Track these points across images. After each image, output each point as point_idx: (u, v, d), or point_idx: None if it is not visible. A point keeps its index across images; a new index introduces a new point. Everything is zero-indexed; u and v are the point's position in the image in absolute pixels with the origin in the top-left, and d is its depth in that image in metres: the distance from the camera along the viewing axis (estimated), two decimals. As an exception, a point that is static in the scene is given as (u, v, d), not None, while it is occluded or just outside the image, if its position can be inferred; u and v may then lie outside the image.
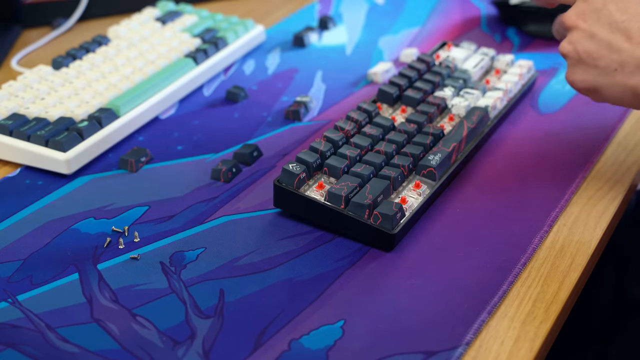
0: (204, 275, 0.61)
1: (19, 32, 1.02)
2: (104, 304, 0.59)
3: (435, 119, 0.76)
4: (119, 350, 0.55)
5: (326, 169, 0.67)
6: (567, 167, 0.73)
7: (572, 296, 0.60)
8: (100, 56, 0.87)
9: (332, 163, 0.67)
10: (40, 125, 0.76)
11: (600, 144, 0.76)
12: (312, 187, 0.66)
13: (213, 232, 0.66)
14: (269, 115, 0.83)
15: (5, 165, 0.76)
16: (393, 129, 0.73)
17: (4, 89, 0.81)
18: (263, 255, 0.63)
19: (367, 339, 0.55)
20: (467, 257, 0.62)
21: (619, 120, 0.80)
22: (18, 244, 0.65)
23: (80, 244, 0.65)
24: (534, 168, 0.73)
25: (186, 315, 0.57)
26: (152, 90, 0.83)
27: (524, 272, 0.61)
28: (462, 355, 0.54)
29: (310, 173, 0.67)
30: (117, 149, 0.78)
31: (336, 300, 0.58)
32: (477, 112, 0.75)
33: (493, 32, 1.00)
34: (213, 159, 0.76)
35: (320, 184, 0.65)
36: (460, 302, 0.58)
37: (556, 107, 0.83)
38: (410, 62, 0.83)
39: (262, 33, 0.98)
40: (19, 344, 0.55)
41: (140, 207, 0.69)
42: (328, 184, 0.66)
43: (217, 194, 0.71)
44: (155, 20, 0.96)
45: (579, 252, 0.63)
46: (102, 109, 0.78)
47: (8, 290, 0.60)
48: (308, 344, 0.55)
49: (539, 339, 0.55)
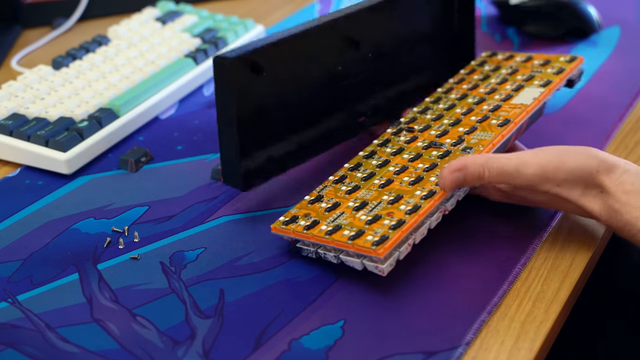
0: (204, 275, 0.61)
1: (19, 32, 1.02)
2: (104, 304, 0.59)
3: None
4: (119, 350, 0.55)
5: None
6: (567, 167, 0.73)
7: (572, 296, 0.60)
8: (100, 56, 0.87)
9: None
10: (40, 125, 0.76)
11: (600, 143, 0.76)
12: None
13: (213, 232, 0.66)
14: (269, 115, 0.83)
15: (5, 165, 0.76)
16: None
17: (4, 89, 0.81)
18: (263, 255, 0.63)
19: (367, 339, 0.55)
20: (467, 256, 0.62)
21: (619, 120, 0.80)
22: (18, 244, 0.65)
23: (80, 244, 0.65)
24: (534, 168, 0.73)
25: (186, 315, 0.57)
26: (152, 90, 0.83)
27: (524, 272, 0.61)
28: (462, 355, 0.54)
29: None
30: (117, 149, 0.78)
31: (336, 300, 0.58)
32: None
33: (493, 32, 1.00)
34: (213, 158, 0.76)
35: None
36: (460, 302, 0.58)
37: (556, 107, 0.83)
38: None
39: (262, 33, 0.98)
40: (19, 344, 0.55)
41: (140, 207, 0.69)
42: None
43: (217, 194, 0.71)
44: (155, 20, 0.96)
45: (579, 252, 0.63)
46: (102, 109, 0.78)
47: (8, 290, 0.60)
48: (308, 344, 0.55)
49: (539, 339, 0.55)
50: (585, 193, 0.60)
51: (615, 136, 0.78)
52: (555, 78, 0.71)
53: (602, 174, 0.59)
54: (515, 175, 0.59)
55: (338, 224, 0.59)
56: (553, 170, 0.59)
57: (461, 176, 0.59)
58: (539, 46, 0.96)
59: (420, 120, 0.70)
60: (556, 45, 0.95)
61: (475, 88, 0.73)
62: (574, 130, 0.78)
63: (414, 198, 0.60)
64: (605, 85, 0.87)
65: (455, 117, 0.69)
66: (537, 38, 0.97)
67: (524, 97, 0.69)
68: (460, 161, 0.59)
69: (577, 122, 0.80)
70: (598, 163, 0.60)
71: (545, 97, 0.70)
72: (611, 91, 0.85)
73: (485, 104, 0.70)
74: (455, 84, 0.76)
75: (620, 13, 1.01)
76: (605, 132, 0.78)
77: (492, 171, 0.59)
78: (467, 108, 0.70)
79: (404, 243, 0.58)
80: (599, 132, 0.78)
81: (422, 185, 0.61)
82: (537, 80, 0.72)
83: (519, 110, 0.67)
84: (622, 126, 0.80)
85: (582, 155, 0.60)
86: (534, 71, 0.73)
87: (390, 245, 0.56)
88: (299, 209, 0.63)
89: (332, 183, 0.65)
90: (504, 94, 0.71)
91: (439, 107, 0.72)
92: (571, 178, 0.60)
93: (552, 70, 0.73)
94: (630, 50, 0.94)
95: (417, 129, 0.69)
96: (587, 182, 0.60)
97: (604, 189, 0.60)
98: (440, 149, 0.65)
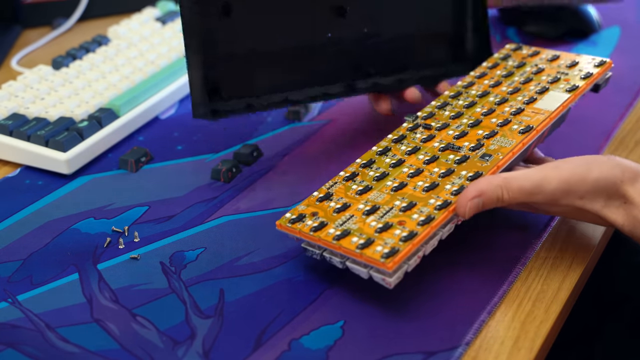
0: (204, 275, 0.61)
1: (19, 32, 1.02)
2: (104, 304, 0.58)
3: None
4: (119, 350, 0.55)
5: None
6: (567, 167, 0.73)
7: (572, 296, 0.60)
8: (100, 56, 0.87)
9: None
10: (40, 125, 0.76)
11: (600, 144, 0.76)
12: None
13: (213, 232, 0.66)
14: (269, 115, 0.83)
15: (5, 165, 0.76)
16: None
17: (4, 89, 0.81)
18: (263, 255, 0.63)
19: (367, 339, 0.55)
20: (467, 256, 0.62)
21: (619, 120, 0.80)
22: (18, 244, 0.65)
23: (80, 244, 0.65)
24: (534, 168, 0.73)
25: (186, 315, 0.57)
26: (152, 90, 0.83)
27: (524, 272, 0.61)
28: (462, 355, 0.54)
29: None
30: (117, 149, 0.78)
31: (336, 300, 0.58)
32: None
33: (493, 32, 1.00)
34: (213, 159, 0.76)
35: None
36: (460, 302, 0.58)
37: (556, 107, 0.82)
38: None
39: (262, 33, 0.98)
40: (19, 344, 0.55)
41: (140, 207, 0.69)
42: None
43: (217, 194, 0.71)
44: (155, 20, 0.96)
45: (579, 252, 0.63)
46: (102, 109, 0.78)
47: (8, 290, 0.60)
48: (308, 344, 0.55)
49: (539, 339, 0.55)
50: (608, 204, 0.58)
51: (615, 136, 0.78)
52: (581, 83, 0.69)
53: (627, 184, 0.58)
54: (535, 192, 0.58)
55: (347, 229, 0.57)
56: (576, 183, 0.57)
57: (480, 202, 0.57)
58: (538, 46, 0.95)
59: (438, 116, 0.68)
60: (556, 45, 0.95)
61: (497, 85, 0.70)
62: (574, 130, 0.78)
63: (427, 207, 0.57)
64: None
65: (475, 117, 0.66)
66: (537, 38, 0.97)
67: (548, 101, 0.67)
68: (477, 186, 0.57)
69: (577, 122, 0.80)
70: (622, 172, 0.58)
71: (570, 103, 0.67)
72: (611, 91, 0.85)
73: (507, 105, 0.67)
74: (477, 78, 0.72)
75: (620, 13, 1.01)
76: (605, 132, 0.78)
77: (511, 192, 0.57)
78: (488, 108, 0.67)
79: (414, 255, 0.56)
80: (599, 132, 0.78)
81: (437, 192, 0.59)
82: (562, 83, 0.69)
83: (542, 117, 0.65)
84: (622, 126, 0.80)
85: (606, 166, 0.58)
86: (559, 72, 0.71)
87: (400, 259, 0.54)
88: (307, 206, 0.60)
89: (343, 180, 0.62)
90: (527, 96, 0.68)
91: (458, 104, 0.69)
92: (594, 190, 0.58)
93: (579, 73, 0.70)
94: (630, 50, 0.94)
95: (435, 127, 0.66)
96: (611, 192, 0.58)
97: (628, 199, 0.58)
98: (457, 153, 0.62)
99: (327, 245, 0.57)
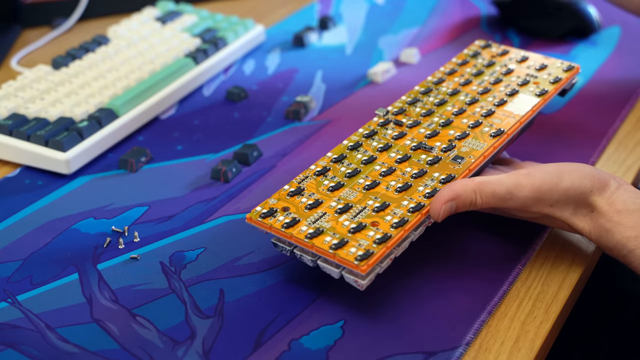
0: (204, 275, 0.61)
1: (18, 32, 1.02)
2: (104, 304, 0.59)
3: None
4: (119, 350, 0.55)
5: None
6: (567, 167, 0.73)
7: (572, 296, 0.60)
8: (100, 56, 0.87)
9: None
10: (40, 125, 0.76)
11: (600, 144, 0.76)
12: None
13: (213, 232, 0.66)
14: (269, 115, 0.83)
15: (5, 165, 0.76)
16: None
17: (3, 89, 0.81)
18: (263, 256, 0.63)
19: (367, 339, 0.55)
20: (468, 256, 0.62)
21: (619, 120, 0.80)
22: (18, 244, 0.65)
23: (80, 244, 0.65)
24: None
25: (186, 315, 0.57)
26: (152, 90, 0.83)
27: (524, 272, 0.61)
28: (462, 355, 0.54)
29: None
30: (117, 149, 0.78)
31: (336, 300, 0.58)
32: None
33: (493, 32, 1.00)
34: (213, 159, 0.76)
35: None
36: (460, 302, 0.58)
37: (556, 107, 0.83)
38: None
39: (262, 33, 0.98)
40: (19, 344, 0.55)
41: (140, 207, 0.69)
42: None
43: (217, 194, 0.71)
44: (155, 20, 0.96)
45: (579, 252, 0.63)
46: (101, 109, 0.78)
47: (8, 290, 0.60)
48: (308, 344, 0.55)
49: (539, 339, 0.55)
50: (576, 212, 0.60)
51: (615, 136, 0.78)
52: (550, 87, 0.70)
53: (595, 194, 0.59)
54: (507, 198, 0.58)
55: (320, 227, 0.56)
56: (547, 191, 0.58)
57: (453, 205, 0.57)
58: (539, 46, 0.96)
59: (409, 112, 0.68)
60: (556, 45, 0.95)
61: (467, 84, 0.71)
62: (574, 130, 0.78)
63: (400, 209, 0.58)
64: (605, 85, 0.87)
65: (446, 117, 0.67)
66: (537, 38, 0.97)
67: (518, 105, 0.68)
68: (452, 189, 0.57)
69: (577, 122, 0.80)
70: (592, 183, 0.59)
71: (539, 107, 0.68)
72: (611, 91, 0.85)
73: (477, 105, 0.68)
74: (446, 74, 0.73)
75: (620, 13, 1.01)
76: (605, 132, 0.78)
77: (484, 197, 0.58)
78: (459, 107, 0.68)
79: (386, 258, 0.56)
80: (599, 132, 0.78)
81: (410, 194, 0.59)
82: (532, 86, 0.70)
83: (512, 120, 0.66)
84: (622, 126, 0.80)
85: (576, 175, 0.59)
86: (529, 75, 0.72)
87: (374, 262, 0.54)
88: (278, 200, 0.59)
89: (314, 174, 0.62)
90: (497, 97, 0.69)
91: (429, 100, 0.69)
92: (564, 199, 0.59)
93: (548, 77, 0.71)
94: (630, 50, 0.94)
95: (406, 124, 0.66)
96: (580, 202, 0.59)
97: (595, 208, 0.59)
98: (429, 153, 0.63)
99: (300, 243, 0.56)
